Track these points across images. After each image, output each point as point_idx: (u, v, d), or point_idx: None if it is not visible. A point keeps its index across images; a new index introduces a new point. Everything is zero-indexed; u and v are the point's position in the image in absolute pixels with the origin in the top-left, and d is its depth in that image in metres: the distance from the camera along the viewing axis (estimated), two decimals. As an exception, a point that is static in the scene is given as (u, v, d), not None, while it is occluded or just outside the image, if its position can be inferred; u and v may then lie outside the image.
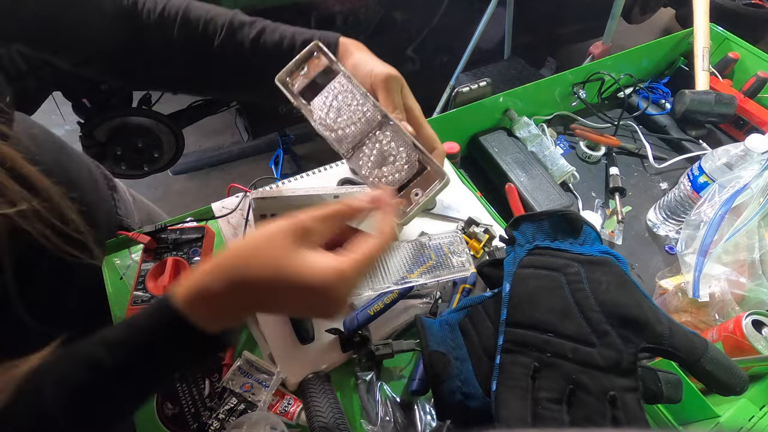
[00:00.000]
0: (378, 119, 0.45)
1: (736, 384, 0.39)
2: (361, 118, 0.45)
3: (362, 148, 0.45)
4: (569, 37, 2.30)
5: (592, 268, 0.43)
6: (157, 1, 0.50)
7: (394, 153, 0.45)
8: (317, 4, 1.56)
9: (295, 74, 0.47)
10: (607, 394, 0.37)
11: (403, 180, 0.44)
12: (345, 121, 0.46)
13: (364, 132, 0.45)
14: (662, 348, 0.39)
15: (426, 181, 0.44)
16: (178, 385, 0.55)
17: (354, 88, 0.46)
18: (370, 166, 0.46)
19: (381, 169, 0.45)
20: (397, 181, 0.44)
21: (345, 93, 0.46)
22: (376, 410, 0.51)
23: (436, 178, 0.44)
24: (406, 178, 0.44)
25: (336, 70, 0.47)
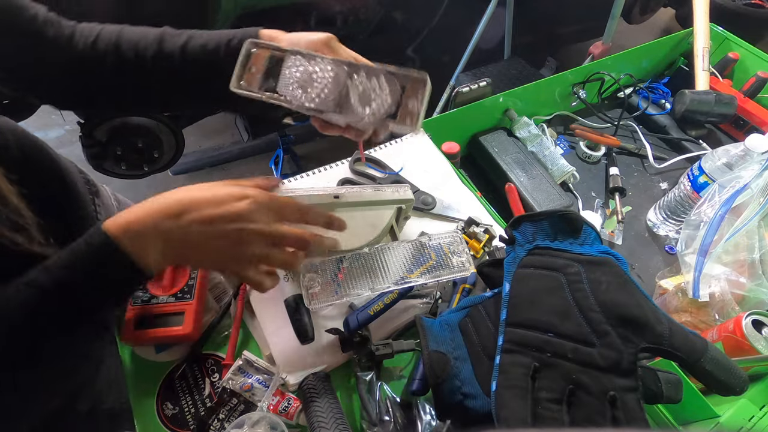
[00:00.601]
0: (345, 70, 0.46)
1: (736, 384, 0.39)
2: (329, 77, 0.46)
3: (348, 100, 0.46)
4: (569, 37, 2.30)
5: (592, 268, 0.43)
6: (91, 32, 0.51)
7: (374, 88, 0.46)
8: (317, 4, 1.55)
9: (246, 76, 0.48)
10: (607, 394, 0.37)
11: (393, 105, 0.46)
12: (318, 89, 0.46)
13: (339, 87, 0.46)
14: (662, 348, 0.39)
15: (414, 90, 0.46)
16: (178, 384, 0.55)
17: (307, 59, 0.47)
18: (361, 110, 0.47)
19: (371, 107, 0.46)
20: (390, 108, 0.46)
21: (302, 66, 0.47)
22: (376, 410, 0.51)
23: (420, 83, 0.46)
24: (395, 101, 0.46)
25: (281, 55, 0.47)
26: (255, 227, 0.42)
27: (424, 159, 0.78)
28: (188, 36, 0.51)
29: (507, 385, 0.39)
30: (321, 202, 0.58)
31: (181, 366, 0.56)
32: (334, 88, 0.46)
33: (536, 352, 0.40)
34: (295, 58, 0.47)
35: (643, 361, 0.44)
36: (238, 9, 1.34)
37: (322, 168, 0.76)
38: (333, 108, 0.47)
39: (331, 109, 0.47)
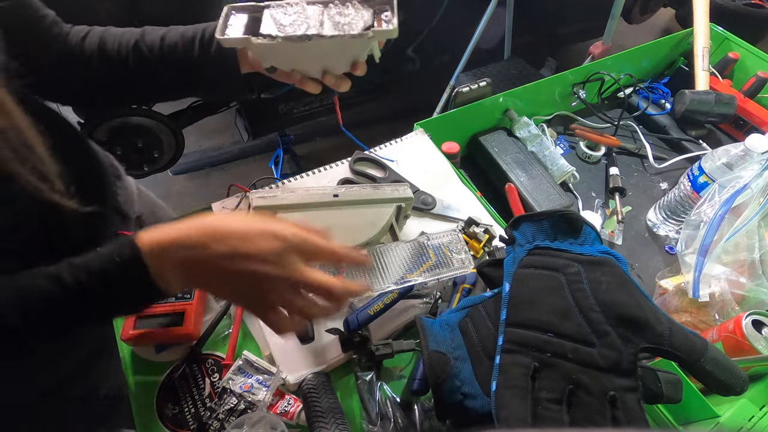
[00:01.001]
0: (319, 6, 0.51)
1: (736, 384, 0.39)
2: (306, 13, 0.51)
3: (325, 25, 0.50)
4: (569, 37, 2.30)
5: (592, 268, 0.43)
6: (82, 31, 0.56)
7: (350, 12, 0.51)
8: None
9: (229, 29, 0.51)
10: (607, 394, 0.37)
11: (369, 20, 0.50)
12: (297, 23, 0.50)
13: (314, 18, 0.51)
14: (662, 348, 0.39)
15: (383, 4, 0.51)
16: (178, 384, 0.55)
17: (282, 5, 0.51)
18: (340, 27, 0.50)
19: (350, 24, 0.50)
20: (366, 22, 0.50)
21: (278, 11, 0.51)
22: (376, 410, 0.51)
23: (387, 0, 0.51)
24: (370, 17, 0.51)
25: (258, 12, 0.52)
26: (279, 272, 0.39)
27: (424, 159, 0.78)
28: (168, 29, 0.56)
29: (507, 385, 0.39)
30: (321, 200, 0.59)
31: (181, 366, 0.56)
32: (311, 20, 0.50)
33: (536, 352, 0.40)
34: (272, 7, 0.51)
35: (643, 361, 0.44)
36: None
37: (322, 168, 0.76)
38: (312, 31, 0.49)
39: (311, 32, 0.49)
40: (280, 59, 0.53)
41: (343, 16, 0.51)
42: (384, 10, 0.51)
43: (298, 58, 0.53)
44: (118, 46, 0.55)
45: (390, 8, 0.51)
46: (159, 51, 0.55)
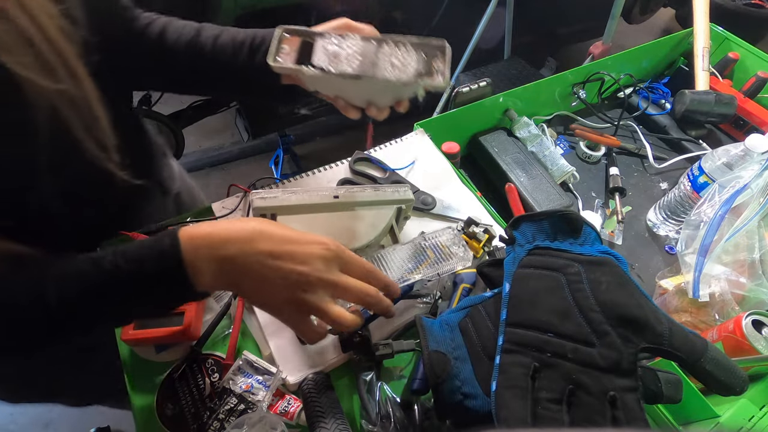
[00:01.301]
0: (373, 42, 0.52)
1: (736, 384, 0.39)
2: (359, 49, 0.51)
3: (378, 65, 0.51)
4: (569, 37, 2.30)
5: (592, 268, 0.43)
6: (149, 18, 0.59)
7: (402, 54, 0.51)
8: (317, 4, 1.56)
9: (280, 55, 0.52)
10: (607, 394, 0.37)
11: (421, 67, 0.51)
12: (350, 59, 0.51)
13: (370, 56, 0.51)
14: (662, 348, 0.39)
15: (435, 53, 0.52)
16: (178, 384, 0.55)
17: (336, 36, 0.52)
18: (391, 70, 0.51)
19: (400, 68, 0.51)
20: (418, 68, 0.51)
21: (335, 42, 0.52)
22: (376, 410, 0.51)
23: (441, 47, 0.51)
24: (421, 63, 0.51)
25: (312, 38, 0.52)
26: (322, 275, 0.40)
27: (424, 159, 0.78)
28: (224, 29, 0.58)
29: (507, 385, 0.39)
30: (321, 201, 0.58)
31: (181, 366, 0.56)
32: (364, 58, 0.51)
33: (536, 352, 0.40)
34: (326, 37, 0.52)
35: (643, 361, 0.44)
36: (238, 9, 1.34)
37: (322, 168, 0.76)
38: (368, 70, 0.50)
39: (366, 71, 0.50)
40: (327, 88, 0.54)
41: (397, 58, 0.51)
42: (436, 55, 0.51)
43: (345, 89, 0.54)
44: (176, 38, 0.58)
45: (442, 56, 0.51)
46: (210, 49, 0.57)
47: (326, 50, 0.51)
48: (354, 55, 0.51)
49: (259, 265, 0.39)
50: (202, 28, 0.59)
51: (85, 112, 0.45)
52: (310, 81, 0.53)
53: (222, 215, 0.67)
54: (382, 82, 0.50)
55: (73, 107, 0.43)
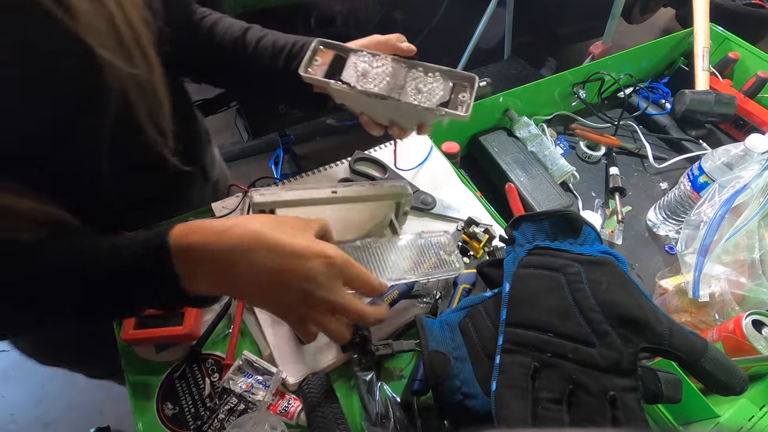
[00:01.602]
0: (403, 65, 0.53)
1: (736, 384, 0.39)
2: (389, 70, 0.52)
3: (405, 89, 0.52)
4: (569, 37, 2.30)
5: (592, 268, 0.43)
6: (204, 12, 0.62)
7: (429, 81, 0.52)
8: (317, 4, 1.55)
9: (312, 66, 0.53)
10: (607, 394, 0.37)
11: (446, 96, 0.52)
12: (378, 79, 0.52)
13: (397, 79, 0.52)
14: (662, 348, 0.39)
15: (463, 85, 0.52)
16: (178, 384, 0.55)
17: (368, 54, 0.53)
18: (416, 96, 0.52)
19: (425, 94, 0.52)
20: (442, 97, 0.51)
21: (366, 60, 0.53)
22: (376, 410, 0.51)
23: (469, 79, 0.52)
24: (447, 93, 0.52)
25: (346, 54, 0.54)
26: (325, 295, 0.40)
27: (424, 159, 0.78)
28: (267, 32, 0.61)
29: (507, 385, 0.39)
30: (319, 196, 0.58)
31: (181, 366, 0.56)
32: (392, 80, 0.52)
33: (536, 352, 0.40)
34: (358, 54, 0.53)
35: (643, 361, 0.44)
36: (239, 8, 1.34)
37: (322, 168, 0.76)
38: (392, 92, 0.51)
39: (390, 93, 0.51)
40: (353, 103, 0.55)
41: (424, 84, 0.52)
42: (464, 87, 0.52)
43: (370, 107, 0.55)
44: (223, 35, 0.60)
45: (470, 89, 0.52)
46: (252, 51, 0.59)
47: (356, 67, 0.52)
48: (383, 75, 0.52)
49: (260, 276, 0.39)
50: (249, 28, 0.61)
51: (151, 98, 0.47)
52: (337, 95, 0.54)
53: (222, 215, 0.67)
54: (405, 105, 0.51)
55: (141, 92, 0.46)
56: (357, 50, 0.53)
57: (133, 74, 0.44)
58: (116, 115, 0.45)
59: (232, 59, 0.60)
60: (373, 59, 0.53)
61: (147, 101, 0.47)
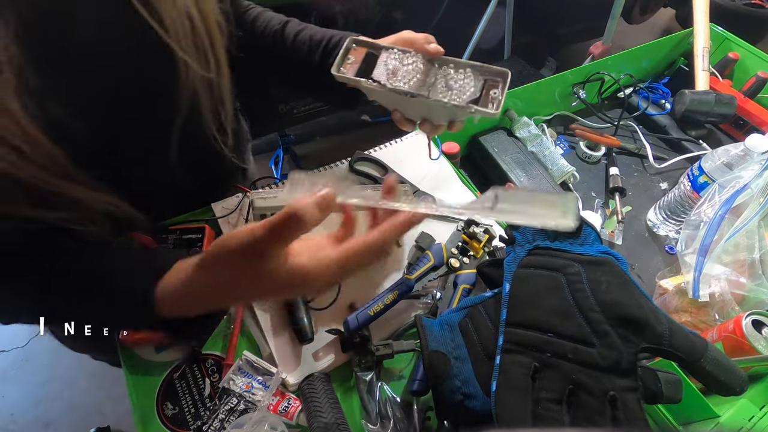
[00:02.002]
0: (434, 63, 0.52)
1: (736, 384, 0.39)
2: (420, 68, 0.51)
3: (435, 86, 0.51)
4: (569, 37, 2.30)
5: (592, 268, 0.43)
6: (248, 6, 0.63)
7: (460, 78, 0.51)
8: (317, 4, 1.56)
9: (345, 65, 0.53)
10: (607, 394, 0.37)
11: (477, 92, 0.50)
12: (409, 76, 0.51)
13: (428, 76, 0.51)
14: (662, 348, 0.39)
15: (495, 81, 0.51)
16: (178, 384, 0.55)
17: (399, 51, 0.52)
18: (447, 93, 0.51)
19: (456, 91, 0.50)
20: (473, 94, 0.50)
21: (396, 57, 0.52)
22: (376, 410, 0.51)
23: (501, 74, 0.50)
24: (478, 89, 0.50)
25: (378, 51, 0.53)
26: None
27: (425, 159, 0.78)
28: (306, 26, 0.61)
29: (507, 385, 0.39)
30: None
31: (181, 366, 0.56)
32: (423, 77, 0.51)
33: (536, 352, 0.40)
34: (390, 52, 0.52)
35: (643, 361, 0.44)
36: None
37: (322, 168, 0.76)
38: (422, 89, 0.50)
39: (420, 91, 0.50)
40: (385, 101, 0.55)
41: (455, 81, 0.51)
42: (496, 83, 0.51)
43: (402, 104, 0.55)
44: (264, 28, 0.61)
45: (503, 85, 0.50)
46: (290, 44, 0.60)
47: (387, 65, 0.52)
48: (413, 72, 0.51)
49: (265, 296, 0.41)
50: (288, 22, 0.61)
51: (217, 98, 0.50)
52: (369, 92, 0.54)
53: (222, 215, 0.67)
54: (435, 102, 0.50)
55: (209, 92, 0.48)
56: (388, 47, 0.53)
57: (205, 76, 0.47)
58: (186, 111, 0.48)
59: (271, 53, 0.61)
60: (403, 56, 0.52)
61: (213, 100, 0.50)
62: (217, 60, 0.48)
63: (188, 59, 0.45)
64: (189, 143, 0.51)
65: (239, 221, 0.67)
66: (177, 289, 0.37)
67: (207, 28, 0.46)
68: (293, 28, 0.61)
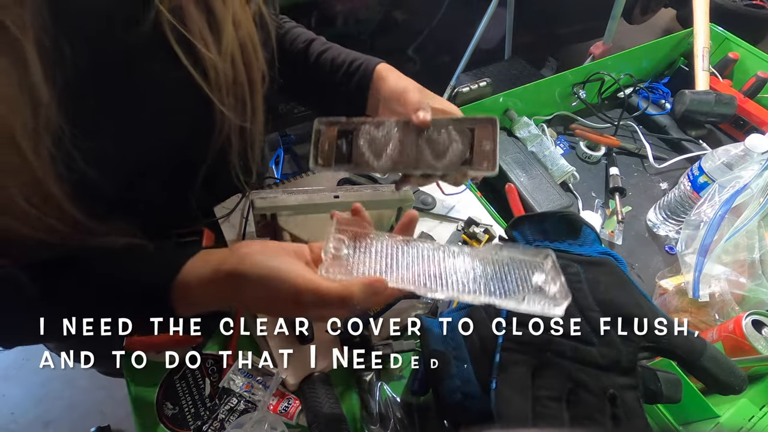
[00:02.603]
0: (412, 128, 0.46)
1: (736, 383, 0.39)
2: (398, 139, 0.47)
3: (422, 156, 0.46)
4: (570, 37, 2.30)
5: (591, 268, 0.43)
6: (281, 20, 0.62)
7: (444, 139, 0.46)
8: (317, 4, 1.56)
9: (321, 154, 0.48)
10: (606, 392, 0.37)
11: (466, 151, 0.46)
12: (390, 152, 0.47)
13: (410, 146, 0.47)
14: (661, 347, 0.39)
15: (484, 132, 0.45)
16: (178, 384, 0.55)
17: (375, 126, 0.47)
18: (436, 162, 0.46)
19: (446, 158, 0.46)
20: (463, 154, 0.45)
21: (371, 134, 0.47)
22: (376, 410, 0.51)
23: (488, 123, 0.45)
24: (467, 146, 0.46)
25: (349, 127, 0.48)
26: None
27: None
28: (331, 45, 0.61)
29: (507, 384, 0.39)
30: (321, 201, 0.59)
31: (181, 366, 0.56)
32: (406, 148, 0.47)
33: (536, 350, 0.40)
34: (363, 128, 0.48)
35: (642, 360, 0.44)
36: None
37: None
38: (410, 165, 0.46)
39: (408, 167, 0.47)
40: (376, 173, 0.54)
41: (440, 143, 0.46)
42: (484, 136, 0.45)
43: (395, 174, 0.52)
44: (291, 43, 0.61)
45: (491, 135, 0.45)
46: (313, 62, 0.60)
47: (364, 144, 0.47)
48: (393, 146, 0.47)
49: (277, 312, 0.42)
50: (313, 40, 0.61)
51: (247, 142, 0.50)
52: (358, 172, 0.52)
53: (222, 215, 0.67)
54: (425, 173, 0.47)
55: (239, 137, 0.48)
56: (359, 122, 0.48)
57: (240, 125, 0.47)
58: (215, 157, 0.48)
59: (293, 68, 0.60)
60: (378, 129, 0.47)
61: (243, 144, 0.49)
62: (254, 109, 0.48)
63: (227, 111, 0.44)
64: (212, 183, 0.51)
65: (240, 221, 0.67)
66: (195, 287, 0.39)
67: (250, 80, 0.46)
68: (317, 47, 0.60)
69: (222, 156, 0.48)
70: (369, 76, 0.56)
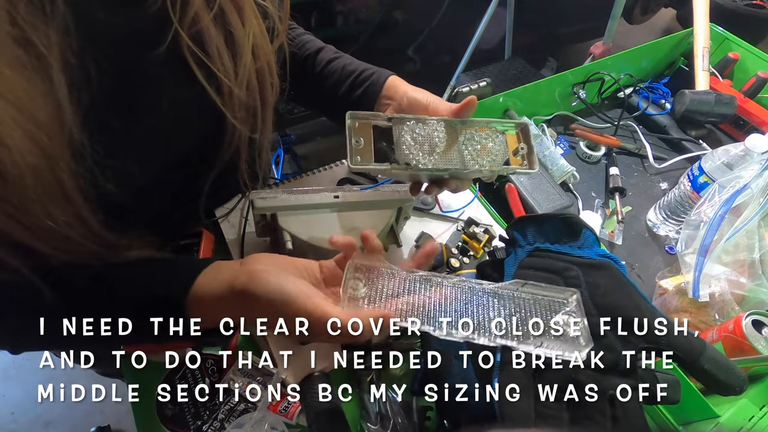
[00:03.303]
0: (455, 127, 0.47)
1: (735, 383, 0.39)
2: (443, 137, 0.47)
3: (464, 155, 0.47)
4: (570, 37, 2.30)
5: (591, 271, 0.43)
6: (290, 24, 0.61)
7: (485, 140, 0.48)
8: (317, 4, 1.56)
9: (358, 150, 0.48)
10: (606, 393, 0.37)
11: (505, 152, 0.48)
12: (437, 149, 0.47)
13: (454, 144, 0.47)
14: (661, 348, 0.39)
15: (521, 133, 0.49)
16: (178, 384, 0.55)
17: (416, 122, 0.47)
18: (476, 162, 0.47)
19: (488, 157, 0.47)
20: (504, 155, 0.47)
21: (415, 131, 0.47)
22: (376, 410, 0.51)
23: (524, 125, 0.49)
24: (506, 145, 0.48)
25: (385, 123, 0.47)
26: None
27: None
28: (340, 54, 0.61)
29: (508, 384, 0.39)
30: (321, 201, 0.58)
31: (181, 366, 0.56)
32: (449, 146, 0.46)
33: (536, 351, 0.40)
34: (404, 125, 0.47)
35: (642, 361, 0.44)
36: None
37: (322, 168, 0.76)
38: (457, 164, 0.46)
39: (455, 166, 0.46)
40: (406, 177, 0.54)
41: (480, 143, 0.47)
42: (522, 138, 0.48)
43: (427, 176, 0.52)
44: (298, 48, 0.61)
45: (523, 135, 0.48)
46: (320, 71, 0.60)
47: (407, 141, 0.47)
48: (438, 143, 0.47)
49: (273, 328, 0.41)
50: (323, 48, 0.61)
51: (255, 152, 0.50)
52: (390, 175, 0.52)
53: (222, 215, 0.67)
54: (473, 174, 0.48)
55: (248, 146, 0.48)
56: (398, 119, 0.47)
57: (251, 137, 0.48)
58: (223, 167, 0.48)
59: (300, 75, 0.60)
60: (421, 127, 0.46)
61: (251, 153, 0.50)
62: (265, 124, 0.49)
63: (238, 124, 0.44)
64: (219, 191, 0.51)
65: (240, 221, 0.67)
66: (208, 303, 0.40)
67: (262, 94, 0.46)
68: (326, 55, 0.61)
69: (231, 164, 0.49)
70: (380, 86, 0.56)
